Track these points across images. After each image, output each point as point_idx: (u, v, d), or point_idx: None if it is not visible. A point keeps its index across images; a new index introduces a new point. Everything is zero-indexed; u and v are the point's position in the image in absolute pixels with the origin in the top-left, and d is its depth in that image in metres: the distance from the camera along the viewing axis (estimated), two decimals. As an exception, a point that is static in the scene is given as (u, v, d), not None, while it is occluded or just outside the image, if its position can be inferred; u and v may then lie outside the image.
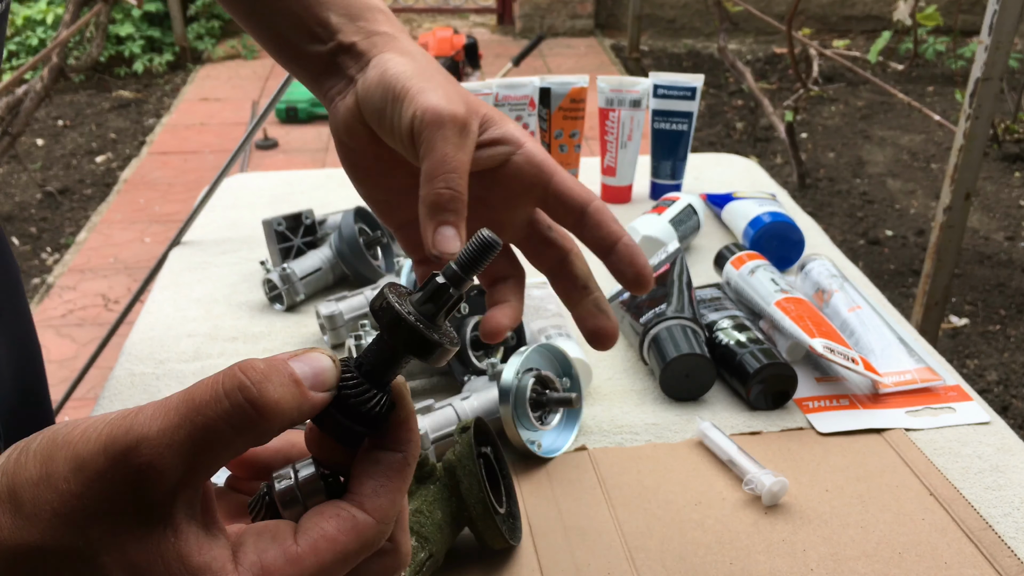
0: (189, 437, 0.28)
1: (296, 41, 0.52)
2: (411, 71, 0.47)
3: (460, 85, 0.49)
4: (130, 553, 0.28)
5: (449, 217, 0.43)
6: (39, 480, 0.28)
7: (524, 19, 4.94)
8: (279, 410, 0.29)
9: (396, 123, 0.45)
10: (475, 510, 0.55)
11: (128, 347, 0.83)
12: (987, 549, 0.59)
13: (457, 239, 0.43)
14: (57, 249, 2.81)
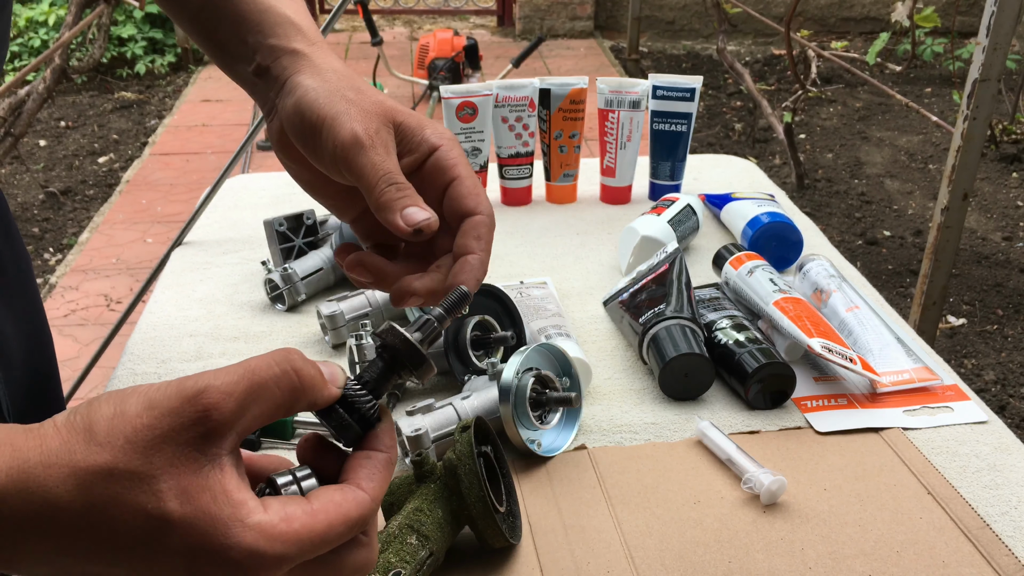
0: (246, 391, 0.36)
1: (229, 61, 0.56)
2: (322, 97, 0.49)
3: (373, 93, 0.51)
4: (184, 479, 0.34)
5: (404, 202, 0.47)
6: (113, 416, 0.34)
7: (524, 21, 4.94)
8: (312, 385, 0.38)
9: (319, 154, 0.49)
10: (475, 509, 0.55)
11: (130, 347, 0.83)
12: (984, 548, 0.59)
13: (422, 211, 0.47)
14: (60, 249, 2.82)
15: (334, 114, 0.48)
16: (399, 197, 0.47)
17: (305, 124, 0.49)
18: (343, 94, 0.50)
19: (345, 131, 0.48)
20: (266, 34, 0.53)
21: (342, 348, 0.82)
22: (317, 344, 0.83)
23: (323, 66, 0.52)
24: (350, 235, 0.88)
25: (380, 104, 0.50)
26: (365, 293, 0.83)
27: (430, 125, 0.51)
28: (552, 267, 0.97)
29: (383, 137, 0.49)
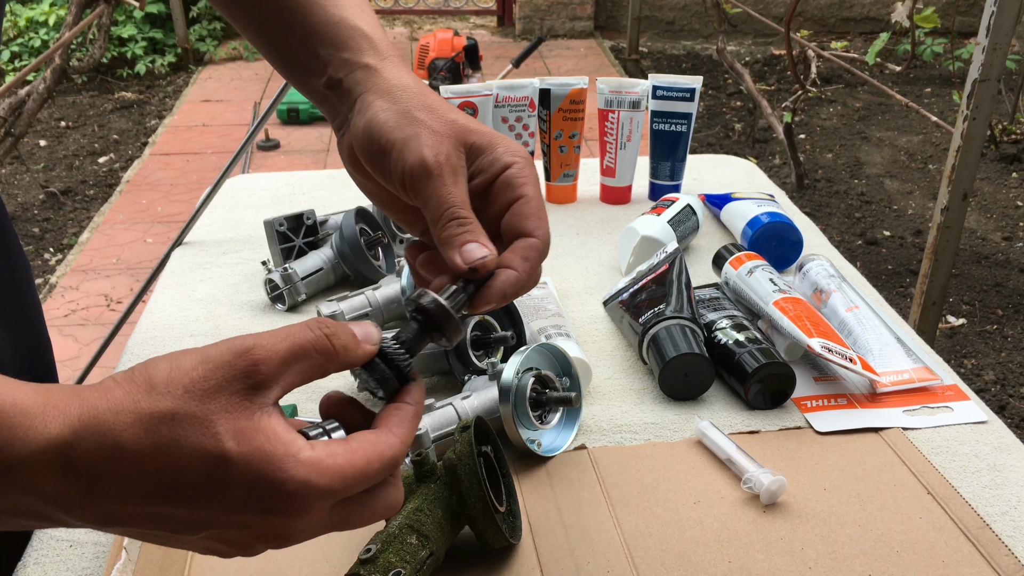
0: (288, 350, 0.40)
1: (298, 73, 0.55)
2: (392, 120, 0.50)
3: (446, 110, 0.51)
4: (239, 422, 0.38)
5: (464, 237, 0.48)
6: (170, 370, 0.38)
7: (524, 21, 4.94)
8: (345, 347, 0.42)
9: (388, 176, 0.50)
10: (475, 509, 0.55)
11: (130, 347, 0.83)
12: (984, 548, 0.59)
13: (481, 247, 0.48)
14: (60, 249, 2.82)
15: (404, 139, 0.49)
16: (459, 233, 0.48)
17: (375, 147, 0.50)
18: (414, 115, 0.50)
19: (414, 157, 0.48)
20: (338, 47, 0.53)
21: (342, 348, 0.82)
22: (317, 344, 0.83)
23: (395, 83, 0.52)
24: (351, 235, 0.88)
25: (452, 124, 0.50)
26: (365, 293, 0.83)
27: (503, 143, 0.51)
28: (552, 267, 0.97)
29: (452, 163, 0.49)
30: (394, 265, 0.92)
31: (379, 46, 0.54)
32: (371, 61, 0.53)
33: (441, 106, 0.51)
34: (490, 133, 0.51)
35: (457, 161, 0.49)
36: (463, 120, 0.51)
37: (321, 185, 1.17)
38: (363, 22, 0.54)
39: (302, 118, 3.67)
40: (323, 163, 3.36)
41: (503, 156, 0.50)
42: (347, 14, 0.54)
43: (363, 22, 0.54)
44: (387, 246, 0.93)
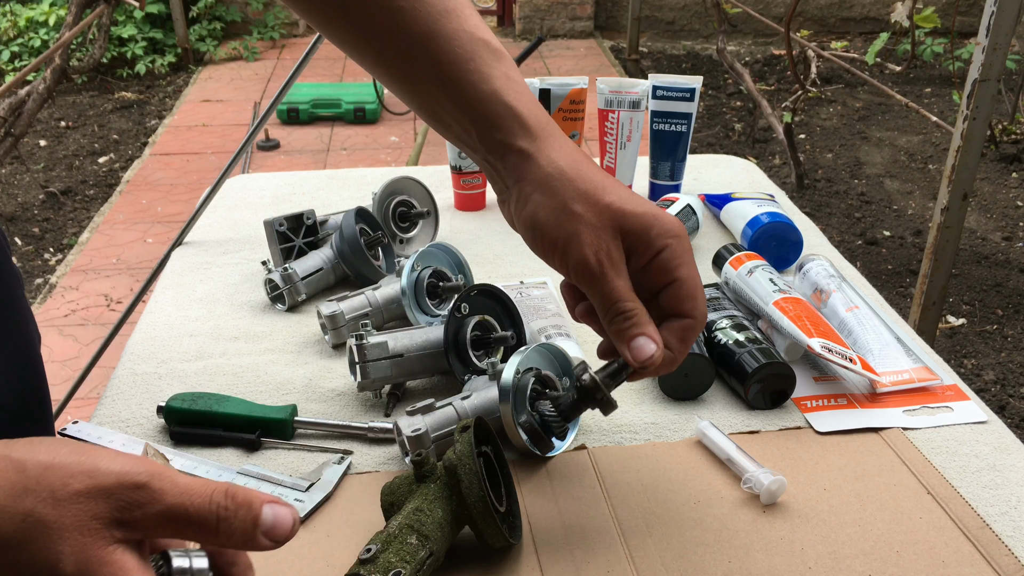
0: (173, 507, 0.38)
1: (454, 140, 0.57)
2: (552, 218, 0.52)
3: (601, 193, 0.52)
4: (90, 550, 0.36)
5: (633, 331, 0.52)
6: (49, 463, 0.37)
7: (524, 21, 4.94)
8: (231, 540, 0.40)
9: (557, 268, 0.54)
10: (476, 509, 0.55)
11: (130, 347, 0.83)
12: (984, 547, 0.59)
13: (650, 343, 0.52)
14: (60, 249, 2.82)
15: (566, 238, 0.52)
16: (627, 327, 0.52)
17: (540, 244, 0.54)
18: (571, 209, 0.52)
19: (576, 258, 0.52)
20: (490, 126, 0.54)
21: (342, 348, 0.82)
22: (317, 344, 0.83)
23: (549, 170, 0.53)
24: (351, 235, 0.88)
25: (607, 211, 0.52)
26: (365, 293, 0.83)
27: (656, 224, 0.53)
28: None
29: (613, 257, 0.52)
30: (394, 265, 0.92)
31: (531, 125, 0.54)
32: (524, 145, 0.53)
33: (596, 187, 0.52)
34: (643, 215, 0.53)
35: (617, 254, 0.52)
36: (619, 202, 0.52)
37: (321, 185, 1.17)
38: (513, 95, 0.54)
39: (302, 118, 3.67)
40: (323, 163, 3.36)
41: (656, 240, 0.52)
42: (498, 87, 0.54)
43: (513, 95, 0.54)
44: (387, 246, 0.93)
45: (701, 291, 0.54)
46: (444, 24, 0.54)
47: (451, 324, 0.74)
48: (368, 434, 0.70)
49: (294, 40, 4.85)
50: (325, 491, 0.64)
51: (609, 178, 0.54)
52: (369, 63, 0.58)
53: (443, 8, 0.54)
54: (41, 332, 0.76)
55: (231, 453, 0.69)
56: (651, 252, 0.53)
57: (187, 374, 0.78)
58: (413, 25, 0.54)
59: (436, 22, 0.54)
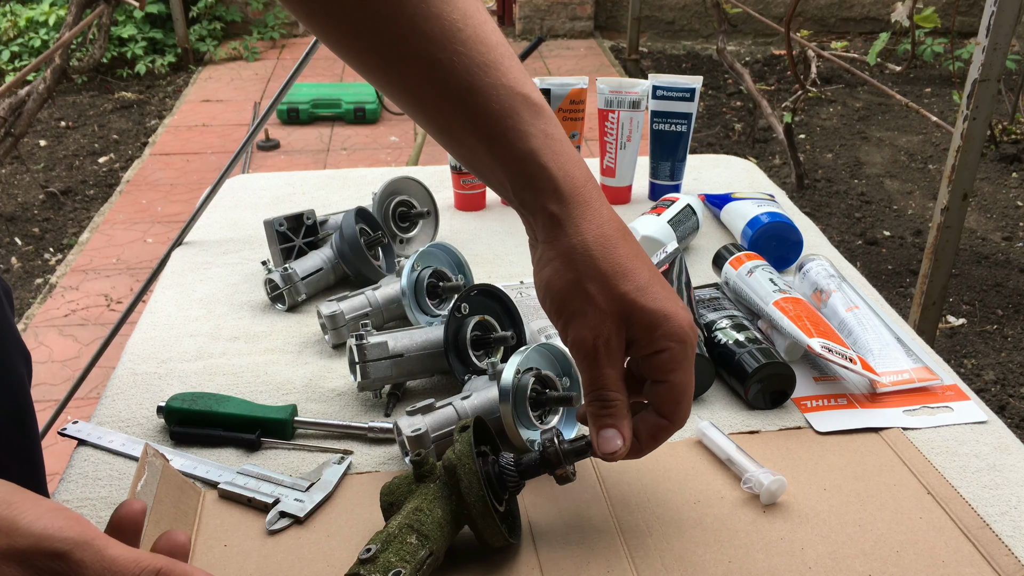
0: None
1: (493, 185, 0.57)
2: (565, 289, 0.53)
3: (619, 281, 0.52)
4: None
5: (605, 421, 0.53)
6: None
7: (524, 21, 4.94)
8: None
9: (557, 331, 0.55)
10: (475, 508, 0.55)
11: (130, 347, 0.83)
12: (984, 547, 0.59)
13: (617, 438, 0.53)
14: (60, 249, 2.82)
15: (571, 314, 0.53)
16: (603, 415, 0.53)
17: (547, 306, 0.55)
18: (584, 288, 0.52)
19: (575, 335, 0.53)
20: (523, 186, 0.54)
21: (342, 348, 0.82)
22: (317, 344, 0.83)
23: (574, 241, 0.53)
24: (351, 235, 0.88)
25: (620, 301, 0.52)
26: (365, 293, 0.83)
27: (664, 324, 0.52)
28: (552, 267, 0.97)
29: (611, 345, 0.52)
30: (394, 265, 0.92)
31: (564, 190, 0.53)
32: (555, 209, 0.53)
33: (616, 272, 0.52)
34: (654, 312, 0.52)
35: (616, 343, 0.53)
36: (633, 292, 0.52)
37: (321, 185, 1.17)
38: (549, 155, 0.54)
39: (302, 118, 3.67)
40: (323, 163, 3.36)
41: (660, 340, 0.52)
42: (535, 146, 0.53)
43: (549, 155, 0.54)
44: (387, 246, 0.93)
45: (689, 397, 0.55)
46: (482, 78, 0.53)
47: (451, 324, 0.74)
48: (368, 434, 0.70)
49: (294, 40, 4.85)
50: (325, 491, 0.64)
51: (635, 259, 0.53)
52: (410, 111, 0.58)
53: (482, 62, 0.54)
54: (41, 332, 0.75)
55: (231, 453, 0.69)
56: (651, 350, 0.53)
57: (187, 374, 0.78)
58: (451, 78, 0.53)
59: (475, 76, 0.53)
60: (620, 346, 0.53)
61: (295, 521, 0.62)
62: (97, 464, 0.68)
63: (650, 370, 0.54)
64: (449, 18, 0.53)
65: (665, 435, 0.55)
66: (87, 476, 0.66)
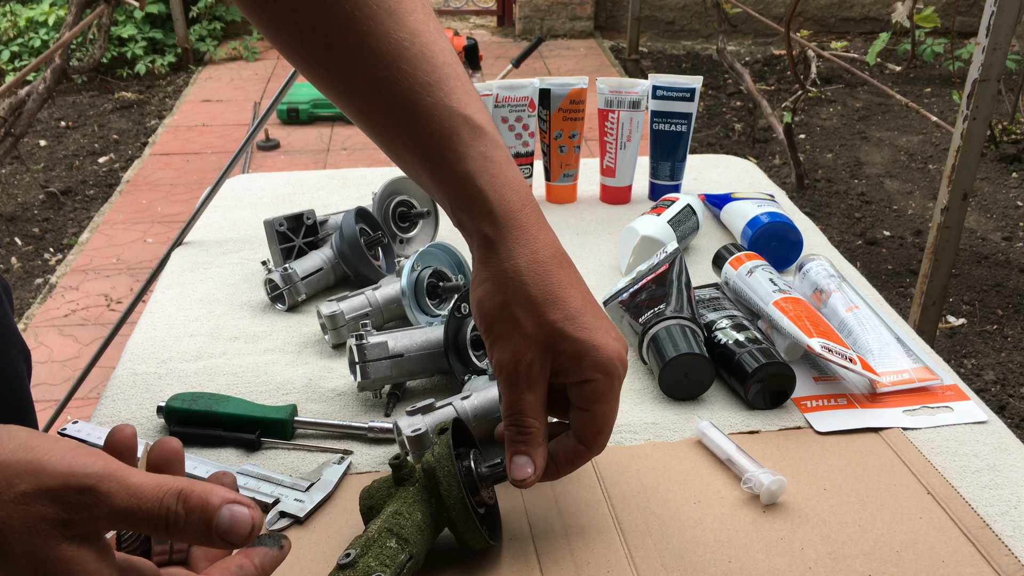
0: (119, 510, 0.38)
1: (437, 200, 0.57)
2: (494, 311, 0.53)
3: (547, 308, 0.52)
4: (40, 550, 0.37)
5: (520, 448, 0.53)
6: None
7: (524, 21, 4.94)
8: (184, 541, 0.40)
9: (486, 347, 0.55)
10: (455, 511, 0.55)
11: (130, 347, 0.83)
12: (984, 547, 0.59)
13: (529, 465, 0.53)
14: (60, 249, 2.82)
15: (497, 335, 0.53)
16: (519, 441, 0.53)
17: (479, 325, 0.54)
18: (512, 313, 0.52)
19: (499, 358, 0.53)
20: (459, 207, 0.55)
21: (342, 348, 0.82)
22: (317, 344, 0.83)
23: (505, 266, 0.53)
24: (351, 235, 0.88)
25: (547, 328, 0.52)
26: (365, 293, 0.83)
27: (591, 355, 0.52)
28: (552, 267, 0.97)
29: (533, 371, 0.52)
30: (394, 265, 0.92)
31: (498, 214, 0.53)
32: (489, 232, 0.53)
33: (545, 300, 0.52)
34: (581, 342, 0.52)
35: (539, 370, 0.52)
36: (561, 322, 0.52)
37: (321, 185, 1.17)
38: (486, 179, 0.53)
39: (302, 118, 3.67)
40: (323, 163, 3.36)
41: (586, 371, 0.52)
42: (471, 168, 0.53)
43: (486, 179, 0.53)
44: (387, 246, 0.93)
45: (609, 428, 0.55)
46: (424, 97, 0.54)
47: (451, 324, 0.74)
48: (368, 434, 0.70)
49: (294, 40, 4.84)
50: (325, 491, 0.64)
51: (568, 287, 0.53)
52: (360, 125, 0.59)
53: (426, 81, 0.54)
54: (41, 332, 0.76)
55: (231, 453, 0.69)
56: (576, 379, 0.53)
57: (187, 374, 0.78)
58: (395, 97, 0.54)
59: (417, 95, 0.54)
60: (543, 373, 0.53)
61: (295, 521, 0.62)
62: (97, 464, 0.68)
63: (575, 398, 0.54)
64: (396, 36, 0.54)
65: (582, 461, 0.56)
66: (87, 476, 0.66)
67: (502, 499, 0.63)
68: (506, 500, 0.63)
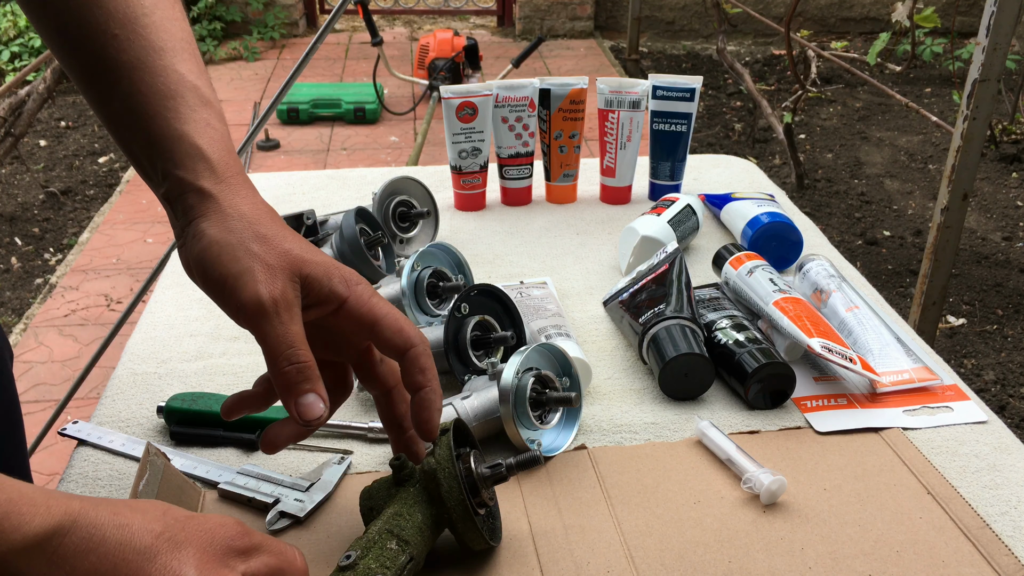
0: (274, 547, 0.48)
1: (141, 174, 0.55)
2: (225, 253, 0.49)
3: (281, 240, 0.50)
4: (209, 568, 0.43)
5: (304, 386, 0.49)
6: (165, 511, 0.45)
7: (524, 21, 4.94)
8: None
9: (224, 309, 0.51)
10: (456, 512, 0.55)
11: (130, 347, 0.83)
12: (984, 547, 0.59)
13: (319, 402, 0.49)
14: (60, 249, 2.82)
15: (236, 273, 0.49)
16: (298, 381, 0.49)
17: (209, 279, 0.50)
18: (247, 247, 0.49)
19: (247, 294, 0.48)
20: (175, 164, 0.52)
21: (342, 348, 0.82)
22: (317, 344, 0.83)
23: (229, 211, 0.51)
24: (351, 235, 0.88)
25: (286, 255, 0.50)
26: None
27: (337, 273, 0.51)
28: (552, 267, 0.97)
29: (288, 299, 0.49)
30: (394, 265, 0.92)
31: (217, 168, 0.52)
32: (206, 185, 0.51)
33: (277, 234, 0.51)
34: (325, 263, 0.51)
35: (292, 296, 0.49)
36: (298, 250, 0.50)
37: (321, 185, 1.17)
38: (206, 140, 0.52)
39: (302, 118, 3.67)
40: (323, 163, 3.36)
41: (338, 288, 0.51)
42: (189, 129, 0.52)
43: (206, 140, 0.52)
44: (387, 246, 0.93)
45: (405, 319, 0.52)
46: (156, 60, 0.53)
47: (451, 324, 0.74)
48: (368, 434, 0.70)
49: (294, 40, 4.85)
50: (325, 491, 0.64)
51: (292, 232, 0.52)
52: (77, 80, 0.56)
53: (160, 47, 0.54)
54: (41, 332, 0.76)
55: (231, 453, 0.69)
56: (337, 299, 0.51)
57: (187, 374, 0.78)
58: (124, 54, 0.53)
59: (149, 56, 0.53)
60: (297, 301, 0.50)
61: (295, 521, 0.62)
62: (97, 464, 0.68)
63: (353, 321, 0.51)
64: (137, 2, 0.54)
65: (426, 359, 0.52)
66: (87, 476, 0.66)
67: (502, 499, 0.63)
68: (506, 500, 0.63)
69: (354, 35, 4.99)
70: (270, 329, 0.49)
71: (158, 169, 0.53)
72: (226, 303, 0.50)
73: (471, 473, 0.56)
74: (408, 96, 3.98)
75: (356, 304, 0.51)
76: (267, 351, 0.49)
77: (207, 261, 0.50)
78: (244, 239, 0.50)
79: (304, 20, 5.01)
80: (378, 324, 0.51)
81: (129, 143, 0.54)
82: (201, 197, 0.51)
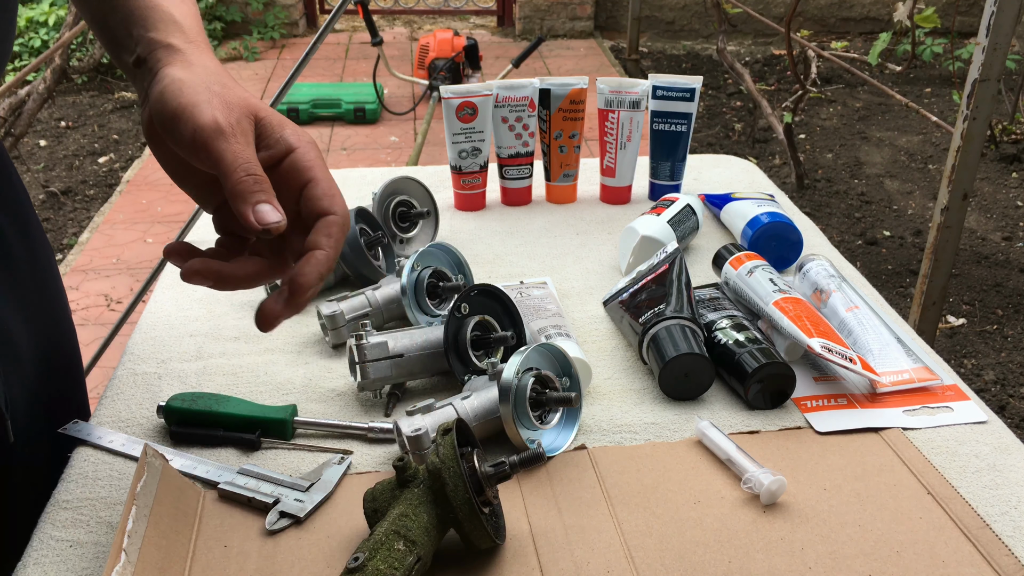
0: None
1: (115, 50, 0.58)
2: (187, 87, 0.52)
3: (239, 90, 0.54)
4: None
5: (260, 196, 0.50)
6: None
7: (524, 21, 4.94)
8: None
9: (181, 140, 0.51)
10: (461, 511, 0.55)
11: (130, 347, 0.83)
12: (984, 548, 0.59)
13: (275, 211, 0.49)
14: (60, 250, 2.82)
15: (196, 102, 0.51)
16: (255, 190, 0.49)
17: (167, 110, 0.51)
18: (208, 86, 0.52)
19: (206, 117, 0.50)
20: (148, 28, 0.56)
21: (342, 348, 0.82)
22: (317, 344, 0.83)
23: (195, 62, 0.54)
24: (351, 235, 0.88)
25: (244, 100, 0.53)
26: (365, 293, 0.83)
27: (290, 126, 0.54)
28: (552, 267, 0.97)
29: (244, 127, 0.51)
30: (394, 265, 0.92)
31: (187, 31, 0.56)
32: (176, 42, 0.55)
33: (236, 86, 0.54)
34: (279, 116, 0.54)
35: (248, 127, 0.52)
36: (254, 101, 0.54)
37: (321, 185, 1.17)
38: (178, 11, 0.57)
39: (302, 118, 3.67)
40: (323, 163, 3.36)
41: (289, 137, 0.53)
42: (162, 2, 0.57)
43: (178, 11, 0.57)
44: (387, 246, 0.93)
45: (339, 191, 0.53)
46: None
47: (451, 324, 0.74)
48: (368, 434, 0.70)
49: (294, 40, 4.85)
50: (325, 491, 0.64)
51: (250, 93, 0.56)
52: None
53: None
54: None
55: (231, 453, 0.69)
56: (282, 148, 0.53)
57: (187, 374, 0.78)
58: None
59: None
60: (251, 132, 0.52)
61: (295, 521, 0.62)
62: (97, 464, 0.68)
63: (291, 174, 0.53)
64: None
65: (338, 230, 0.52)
66: (87, 476, 0.66)
67: (502, 500, 0.63)
68: (506, 500, 0.63)
69: (354, 35, 4.99)
70: (227, 146, 0.50)
71: (132, 36, 0.56)
72: (182, 129, 0.50)
73: (475, 472, 0.56)
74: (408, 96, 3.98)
75: (302, 157, 0.53)
76: (223, 167, 0.50)
77: (169, 94, 0.51)
78: (207, 81, 0.53)
79: (304, 20, 5.01)
80: (313, 181, 0.53)
81: (107, 15, 0.58)
82: (170, 51, 0.55)
